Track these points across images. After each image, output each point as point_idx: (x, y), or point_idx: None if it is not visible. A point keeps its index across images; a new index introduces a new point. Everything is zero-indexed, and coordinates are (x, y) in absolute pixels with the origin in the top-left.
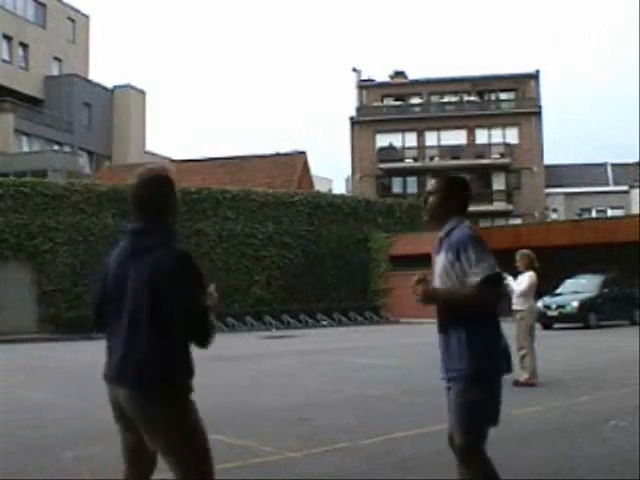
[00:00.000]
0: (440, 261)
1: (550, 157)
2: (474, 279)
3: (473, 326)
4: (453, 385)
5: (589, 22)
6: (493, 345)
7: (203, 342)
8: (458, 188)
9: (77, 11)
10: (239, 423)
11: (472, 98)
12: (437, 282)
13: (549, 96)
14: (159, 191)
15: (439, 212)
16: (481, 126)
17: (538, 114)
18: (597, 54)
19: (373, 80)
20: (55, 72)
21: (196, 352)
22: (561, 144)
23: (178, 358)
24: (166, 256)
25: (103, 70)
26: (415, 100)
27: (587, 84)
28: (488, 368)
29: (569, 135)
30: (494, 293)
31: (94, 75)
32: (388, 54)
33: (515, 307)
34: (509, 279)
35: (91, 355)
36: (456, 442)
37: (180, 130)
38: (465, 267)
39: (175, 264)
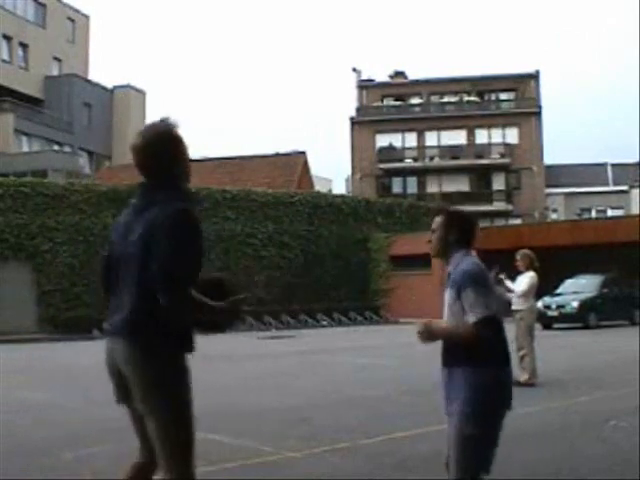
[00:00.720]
0: (447, 297)
1: (550, 157)
2: (471, 319)
3: (474, 363)
4: (451, 419)
5: (589, 22)
6: (493, 384)
7: (169, 300)
8: (457, 221)
9: (77, 11)
10: (239, 423)
11: (472, 98)
12: (445, 316)
13: (549, 96)
14: (162, 148)
15: (440, 248)
16: (481, 126)
17: (538, 114)
18: (597, 54)
19: (373, 80)
20: (55, 72)
21: (195, 353)
22: (561, 144)
23: (173, 317)
24: (162, 211)
25: (103, 70)
26: (415, 100)
27: (587, 84)
28: (485, 406)
29: (569, 135)
30: (488, 334)
31: (94, 75)
32: (388, 54)
33: (515, 307)
34: (507, 282)
35: (90, 355)
36: (450, 475)
37: (180, 130)
38: (465, 306)
39: (166, 219)
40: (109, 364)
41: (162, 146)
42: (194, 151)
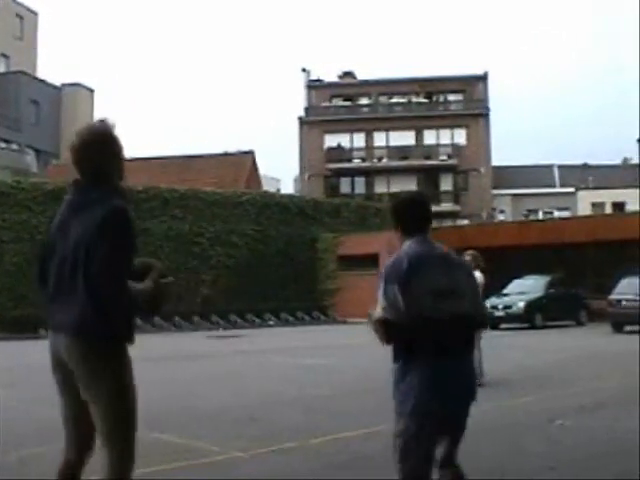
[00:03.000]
0: None
1: (497, 158)
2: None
3: (396, 359)
4: None
5: (538, 25)
6: (414, 382)
7: (106, 302)
8: (394, 212)
9: (26, 8)
10: (187, 423)
11: (420, 99)
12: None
13: (497, 98)
14: (99, 148)
15: (397, 237)
16: (429, 127)
17: (486, 116)
18: (547, 56)
19: (322, 80)
20: (2, 69)
21: (144, 353)
22: (509, 146)
23: (115, 313)
24: (100, 211)
25: (51, 68)
26: (364, 100)
27: (535, 86)
28: (408, 404)
29: (516, 137)
30: (384, 336)
31: (42, 73)
32: (337, 54)
33: None
34: None
35: (36, 355)
36: None
37: (129, 128)
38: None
39: (104, 218)
40: (54, 358)
41: (98, 145)
42: (143, 150)
